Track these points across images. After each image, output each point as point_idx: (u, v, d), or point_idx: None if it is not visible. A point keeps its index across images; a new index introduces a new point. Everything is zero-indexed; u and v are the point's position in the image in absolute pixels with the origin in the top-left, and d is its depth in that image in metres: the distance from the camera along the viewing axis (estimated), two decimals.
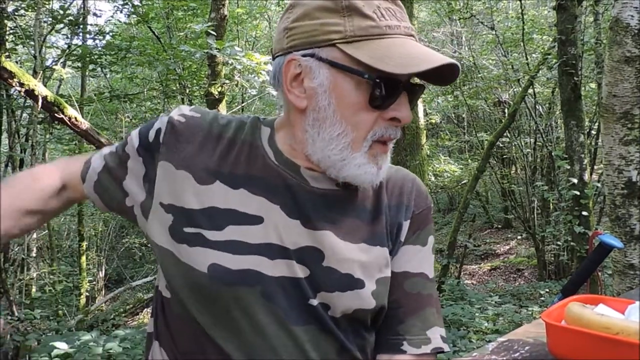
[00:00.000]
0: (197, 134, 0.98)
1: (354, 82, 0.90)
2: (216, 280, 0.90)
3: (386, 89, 0.89)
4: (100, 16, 9.20)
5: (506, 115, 9.37)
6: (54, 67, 7.14)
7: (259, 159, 0.98)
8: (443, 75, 0.92)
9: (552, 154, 7.85)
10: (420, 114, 8.14)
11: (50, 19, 6.99)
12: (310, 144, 0.94)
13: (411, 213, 1.03)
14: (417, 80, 0.95)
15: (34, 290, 7.98)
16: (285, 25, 0.94)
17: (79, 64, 7.46)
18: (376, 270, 0.97)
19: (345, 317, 0.95)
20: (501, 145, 10.83)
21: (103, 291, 10.63)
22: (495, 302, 6.75)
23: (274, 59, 0.98)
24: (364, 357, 0.99)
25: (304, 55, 0.91)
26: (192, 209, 0.94)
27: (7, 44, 6.29)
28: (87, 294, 9.42)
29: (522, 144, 10.31)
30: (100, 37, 7.75)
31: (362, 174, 0.92)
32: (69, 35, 7.57)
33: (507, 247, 11.81)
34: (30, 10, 6.63)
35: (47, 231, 9.13)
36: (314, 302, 0.92)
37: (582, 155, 6.50)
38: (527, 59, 8.86)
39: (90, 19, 9.98)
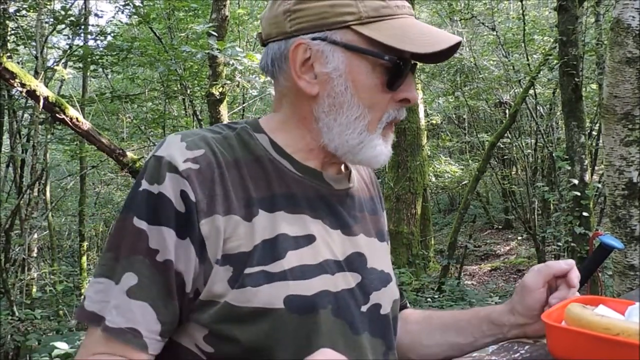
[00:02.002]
0: (214, 171, 0.84)
1: (370, 64, 0.87)
2: (295, 312, 0.83)
3: (400, 70, 0.88)
4: (101, 17, 9.23)
5: (507, 116, 9.38)
6: (55, 67, 7.13)
7: (278, 174, 0.90)
8: (445, 53, 0.91)
9: (553, 154, 7.85)
10: (421, 114, 8.15)
11: (52, 20, 6.99)
12: (325, 132, 0.90)
13: (382, 205, 1.14)
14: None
15: (34, 290, 7.98)
16: (286, 7, 0.88)
17: (80, 65, 7.45)
18: (390, 264, 1.05)
19: (392, 311, 0.99)
20: (502, 146, 10.83)
21: None
22: (496, 302, 6.74)
23: (265, 44, 0.93)
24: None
25: (313, 39, 0.87)
26: (248, 250, 0.83)
27: (8, 44, 6.30)
28: None
29: (523, 144, 10.31)
30: (102, 38, 7.74)
31: (378, 155, 0.91)
32: (71, 36, 7.55)
33: (508, 248, 11.80)
34: (31, 10, 6.63)
35: (47, 231, 9.14)
36: (365, 308, 0.93)
37: (583, 156, 6.49)
38: (528, 59, 8.86)
39: (92, 20, 10.00)
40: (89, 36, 7.88)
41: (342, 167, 1.00)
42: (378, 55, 0.86)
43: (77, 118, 5.35)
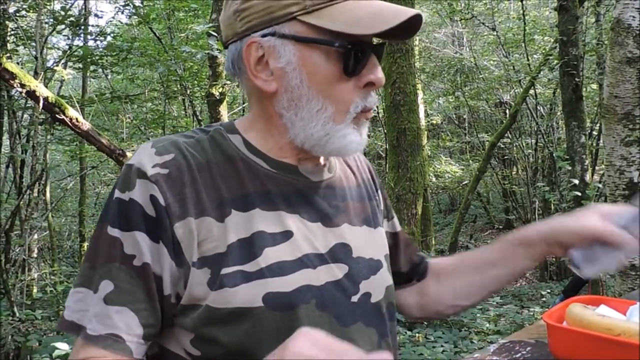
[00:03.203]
0: (184, 174, 0.85)
1: (323, 53, 0.85)
2: (275, 309, 0.83)
3: (358, 54, 0.85)
4: (101, 17, 9.24)
5: (507, 116, 9.38)
6: (55, 68, 7.13)
7: (252, 173, 0.90)
8: (407, 29, 0.87)
9: (554, 154, 7.85)
10: (422, 114, 8.14)
11: (52, 20, 6.99)
12: (289, 127, 0.89)
13: (377, 184, 1.13)
14: (378, 39, 0.91)
15: (35, 290, 7.97)
16: (234, 8, 0.88)
17: (80, 65, 7.45)
18: (382, 249, 1.03)
19: (384, 299, 0.98)
20: (502, 146, 10.84)
21: None
22: (497, 302, 6.74)
23: (226, 47, 0.92)
24: (395, 343, 1.02)
25: (263, 36, 0.85)
26: (223, 251, 0.83)
27: (8, 45, 6.30)
28: None
29: (523, 144, 10.33)
30: (102, 38, 7.75)
31: (348, 144, 0.89)
32: (70, 36, 7.55)
33: None
34: (31, 11, 6.64)
35: (48, 232, 9.14)
36: (355, 298, 0.92)
37: (584, 156, 6.49)
38: (528, 59, 8.86)
39: (92, 20, 10.01)
40: (89, 36, 7.89)
41: (321, 158, 0.98)
42: (328, 43, 0.84)
43: (76, 118, 5.35)
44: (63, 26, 7.13)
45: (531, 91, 8.44)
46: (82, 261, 0.85)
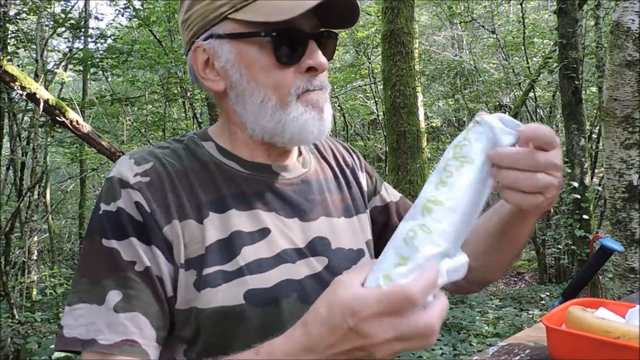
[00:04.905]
0: (165, 181, 0.88)
1: (256, 46, 0.88)
2: (256, 305, 0.85)
3: (291, 41, 0.88)
4: (101, 20, 9.23)
5: None
6: (55, 70, 7.13)
7: (226, 176, 0.93)
8: (345, 16, 0.90)
9: None
10: (421, 117, 8.14)
11: (52, 23, 6.99)
12: (245, 122, 0.92)
13: (361, 165, 1.14)
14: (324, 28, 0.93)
15: (34, 293, 7.96)
16: (181, 19, 0.94)
17: (81, 68, 7.45)
18: (363, 237, 1.04)
19: None
20: None
21: None
22: (496, 305, 6.73)
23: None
24: None
25: (205, 40, 0.90)
26: (203, 253, 0.86)
27: (9, 47, 6.30)
28: None
29: None
30: (102, 41, 7.74)
31: (305, 127, 0.89)
32: (71, 39, 7.54)
33: None
34: (32, 14, 6.64)
35: (48, 234, 9.14)
36: None
37: (583, 159, 6.49)
38: (528, 62, 8.87)
39: (92, 23, 10.01)
40: (89, 39, 7.88)
41: (294, 155, 1.01)
42: (255, 35, 0.87)
43: (77, 121, 5.35)
44: (63, 29, 7.13)
45: (531, 94, 8.45)
46: (77, 277, 0.84)
